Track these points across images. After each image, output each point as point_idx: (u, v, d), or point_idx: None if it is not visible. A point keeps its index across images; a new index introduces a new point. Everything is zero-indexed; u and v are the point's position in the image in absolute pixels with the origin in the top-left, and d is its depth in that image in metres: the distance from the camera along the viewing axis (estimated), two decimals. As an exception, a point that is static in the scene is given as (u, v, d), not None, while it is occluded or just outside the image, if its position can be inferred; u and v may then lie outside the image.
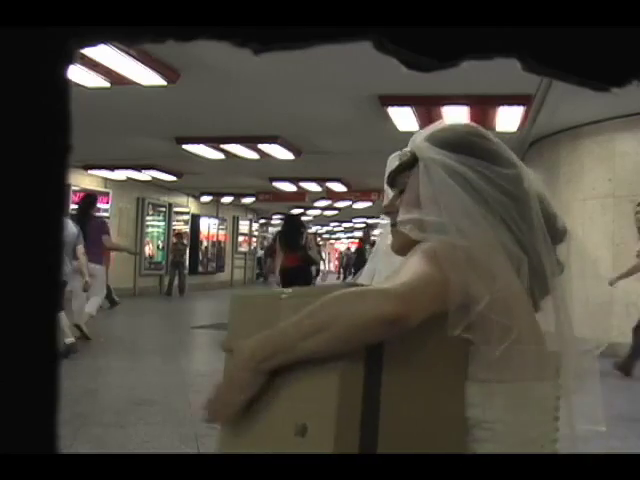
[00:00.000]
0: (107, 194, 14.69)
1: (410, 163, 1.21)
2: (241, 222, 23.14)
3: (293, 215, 7.60)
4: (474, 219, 1.09)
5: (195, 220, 19.38)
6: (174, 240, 17.41)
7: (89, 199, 8.20)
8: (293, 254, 7.01)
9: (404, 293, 0.95)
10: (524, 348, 1.03)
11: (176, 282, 16.67)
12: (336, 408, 0.96)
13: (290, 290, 1.12)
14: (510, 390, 1.03)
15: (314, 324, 0.96)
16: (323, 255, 13.21)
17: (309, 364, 1.00)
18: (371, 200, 16.54)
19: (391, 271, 1.10)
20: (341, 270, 28.48)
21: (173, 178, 14.23)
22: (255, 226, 25.55)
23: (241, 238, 23.41)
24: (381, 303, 0.94)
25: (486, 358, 1.00)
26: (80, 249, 5.74)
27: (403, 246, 1.16)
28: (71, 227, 6.14)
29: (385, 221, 1.32)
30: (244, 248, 23.71)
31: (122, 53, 5.43)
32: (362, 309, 0.94)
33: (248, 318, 1.16)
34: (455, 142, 1.17)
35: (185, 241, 17.68)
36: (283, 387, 1.04)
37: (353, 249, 22.17)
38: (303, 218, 12.92)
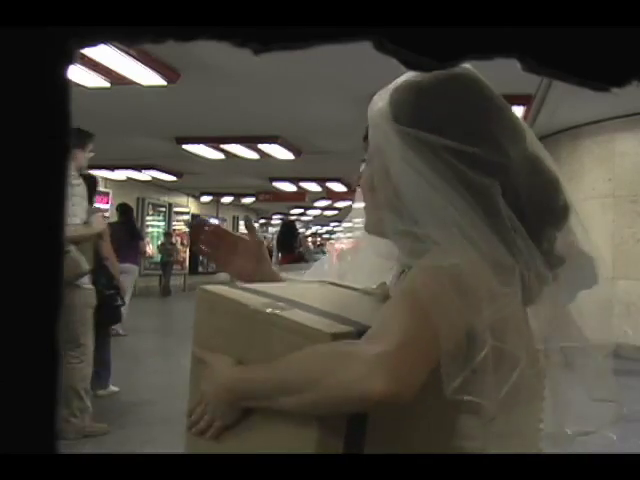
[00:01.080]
0: (107, 194, 14.69)
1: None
2: (241, 222, 23.11)
3: (289, 221, 8.42)
4: (448, 227, 0.89)
5: (195, 220, 19.39)
6: (162, 240, 17.38)
7: (123, 208, 9.27)
8: (289, 254, 7.49)
9: (396, 362, 0.80)
10: (523, 372, 0.90)
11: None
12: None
13: (270, 306, 0.98)
14: (505, 418, 0.93)
15: (293, 382, 0.87)
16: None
17: (283, 414, 0.91)
18: (371, 200, 16.48)
19: (370, 314, 0.93)
20: None
21: (173, 178, 14.23)
22: (255, 226, 25.50)
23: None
24: (369, 376, 0.79)
25: (488, 388, 0.87)
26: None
27: (378, 229, 1.00)
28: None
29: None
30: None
31: (122, 53, 5.43)
32: (347, 379, 0.81)
33: (219, 324, 1.07)
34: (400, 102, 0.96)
35: (173, 240, 17.63)
36: (256, 428, 0.97)
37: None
38: (303, 218, 12.94)
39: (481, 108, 0.96)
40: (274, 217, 26.66)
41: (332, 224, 30.14)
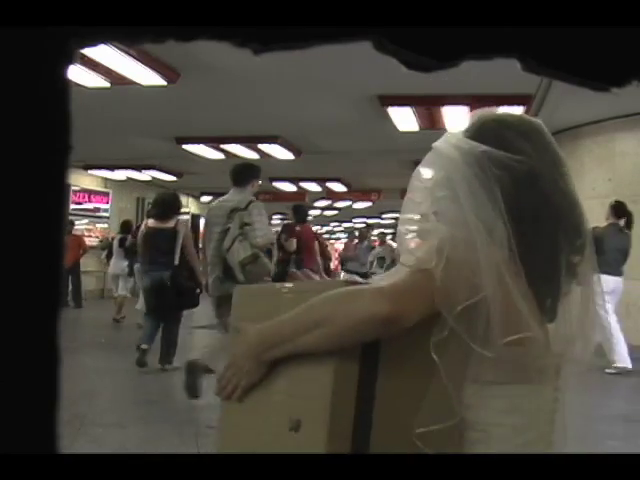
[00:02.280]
0: (107, 194, 14.69)
1: None
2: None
3: (288, 224, 8.72)
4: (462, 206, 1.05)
5: (195, 220, 19.40)
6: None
7: None
8: (286, 254, 7.90)
9: (397, 293, 0.97)
10: (524, 350, 1.00)
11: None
12: (329, 406, 0.97)
13: (290, 285, 1.16)
14: (507, 392, 1.02)
15: (310, 321, 1.00)
16: (330, 254, 13.68)
17: (305, 359, 1.02)
18: (371, 200, 16.53)
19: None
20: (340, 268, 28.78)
21: (173, 178, 14.24)
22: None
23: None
24: (374, 303, 0.95)
25: (484, 359, 0.98)
26: None
27: None
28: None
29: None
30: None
31: (122, 53, 5.43)
32: (355, 308, 0.97)
33: (251, 307, 1.20)
34: (473, 131, 1.13)
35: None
36: (280, 379, 1.07)
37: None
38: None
39: (546, 151, 1.13)
40: (274, 217, 26.67)
41: (332, 224, 30.15)
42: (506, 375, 1.01)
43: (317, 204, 19.17)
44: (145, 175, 13.97)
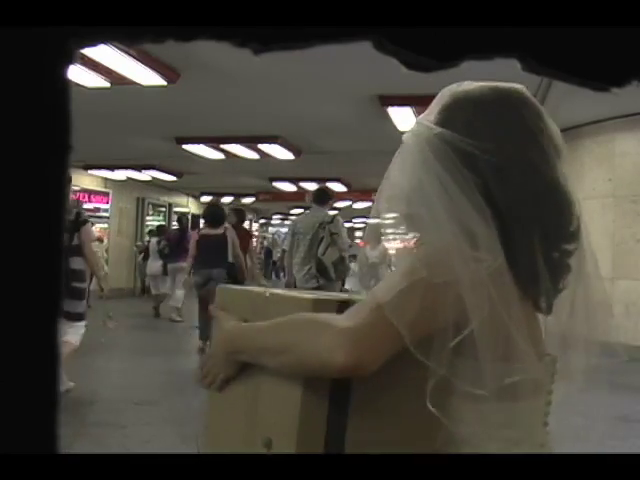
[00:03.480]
0: (107, 194, 14.69)
1: None
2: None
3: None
4: (438, 212, 0.94)
5: (195, 220, 19.38)
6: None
7: (178, 217, 11.16)
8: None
9: (360, 338, 0.87)
10: (521, 368, 0.92)
11: None
12: (297, 424, 0.94)
13: (273, 291, 1.15)
14: (501, 408, 0.95)
15: (274, 344, 0.97)
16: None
17: (277, 376, 1.00)
18: (371, 200, 16.50)
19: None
20: None
21: (173, 178, 14.23)
22: (255, 226, 25.56)
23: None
24: (331, 349, 0.87)
25: (479, 375, 0.90)
26: None
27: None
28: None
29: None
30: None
31: (122, 53, 5.43)
32: (315, 348, 0.89)
33: (232, 302, 1.21)
34: (442, 111, 1.02)
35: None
36: (259, 389, 1.06)
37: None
38: None
39: (526, 135, 1.00)
40: (274, 217, 26.66)
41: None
42: (501, 392, 0.92)
43: (317, 204, 19.14)
44: (145, 175, 13.96)
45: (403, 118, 7.71)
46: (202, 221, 8.70)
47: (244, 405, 1.09)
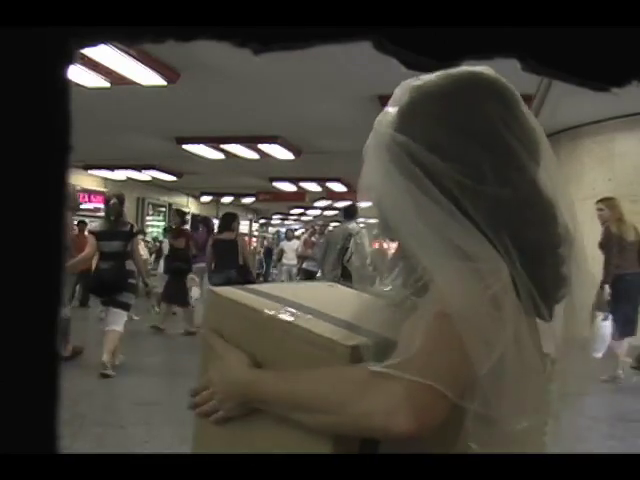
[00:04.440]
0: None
1: None
2: (241, 222, 23.13)
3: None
4: (434, 252, 0.85)
5: (195, 220, 19.37)
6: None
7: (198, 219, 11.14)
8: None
9: (420, 406, 0.80)
10: (526, 385, 0.88)
11: None
12: None
13: (283, 312, 0.97)
14: (511, 424, 0.89)
15: (314, 403, 0.87)
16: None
17: (298, 428, 0.90)
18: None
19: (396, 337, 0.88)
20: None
21: (173, 178, 14.24)
22: (255, 226, 25.57)
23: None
24: (393, 412, 0.79)
25: (485, 393, 0.84)
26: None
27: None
28: None
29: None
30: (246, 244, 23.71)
31: (122, 53, 5.43)
32: (371, 410, 0.81)
33: (226, 318, 1.05)
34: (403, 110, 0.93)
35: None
36: (270, 430, 0.95)
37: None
38: (303, 218, 13.16)
39: (492, 138, 0.89)
40: (274, 217, 26.66)
41: (332, 224, 30.13)
42: (508, 408, 0.87)
43: (317, 204, 19.17)
44: (145, 175, 13.97)
45: (403, 118, 7.71)
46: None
47: (241, 448, 0.98)
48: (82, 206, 13.79)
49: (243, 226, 24.00)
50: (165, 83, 6.43)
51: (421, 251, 0.87)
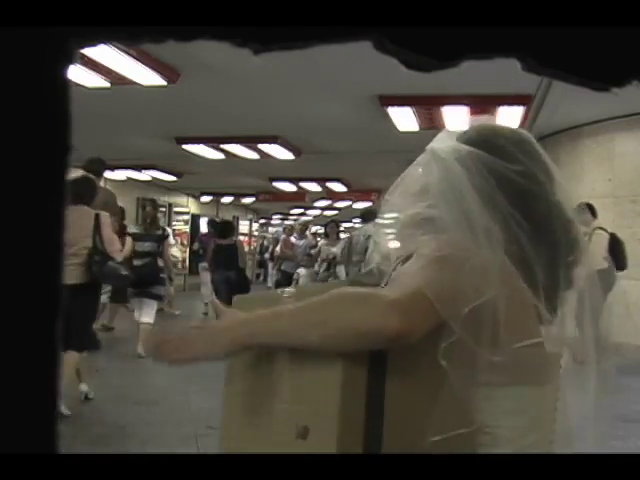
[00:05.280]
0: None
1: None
2: (241, 222, 23.14)
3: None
4: (469, 213, 1.05)
5: (195, 220, 19.38)
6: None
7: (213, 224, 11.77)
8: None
9: (409, 307, 0.91)
10: (531, 352, 1.01)
11: None
12: (338, 410, 0.93)
13: (292, 289, 1.12)
14: (509, 394, 1.01)
15: (310, 320, 0.95)
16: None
17: (308, 364, 0.99)
18: (371, 200, 16.52)
19: (393, 271, 1.08)
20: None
21: (173, 178, 14.23)
22: (255, 226, 25.57)
23: (241, 238, 23.44)
24: (383, 315, 0.90)
25: (486, 361, 0.97)
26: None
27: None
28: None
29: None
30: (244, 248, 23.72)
31: (122, 53, 5.43)
32: (363, 318, 0.91)
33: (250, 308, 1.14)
34: (466, 138, 1.14)
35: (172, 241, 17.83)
36: (282, 388, 1.03)
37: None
38: (303, 218, 13.25)
39: (538, 162, 1.14)
40: (274, 217, 26.66)
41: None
42: (509, 377, 1.00)
43: (317, 204, 19.16)
44: (145, 175, 13.96)
45: (403, 118, 7.71)
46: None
47: (268, 414, 1.05)
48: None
49: (243, 226, 24.12)
50: (165, 83, 6.42)
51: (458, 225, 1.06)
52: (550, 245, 1.08)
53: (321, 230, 16.18)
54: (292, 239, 11.92)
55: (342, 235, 12.21)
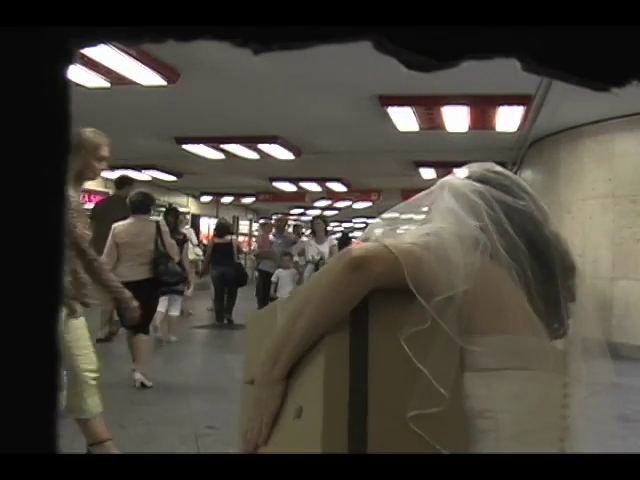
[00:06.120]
0: (107, 194, 14.69)
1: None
2: (241, 222, 23.13)
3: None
4: (465, 225, 1.18)
5: (195, 220, 19.38)
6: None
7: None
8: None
9: (366, 248, 1.07)
10: (522, 338, 1.08)
11: None
12: (323, 385, 1.02)
13: (286, 298, 1.26)
14: (510, 378, 1.06)
15: (296, 306, 1.08)
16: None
17: (307, 354, 1.08)
18: (371, 200, 16.53)
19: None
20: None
21: (173, 178, 14.24)
22: (255, 226, 25.56)
23: (241, 238, 23.43)
24: (342, 259, 1.06)
25: (485, 347, 1.06)
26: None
27: None
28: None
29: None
30: (244, 248, 23.72)
31: (122, 53, 5.43)
32: (328, 275, 1.07)
33: (258, 331, 1.26)
34: (475, 176, 1.29)
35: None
36: (290, 386, 1.12)
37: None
38: (303, 218, 13.16)
39: (534, 199, 1.29)
40: (274, 217, 26.65)
41: (332, 224, 30.14)
42: (506, 361, 1.07)
43: (317, 204, 19.16)
44: (145, 175, 13.96)
45: (403, 118, 7.71)
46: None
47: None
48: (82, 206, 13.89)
49: (243, 226, 24.09)
50: (165, 83, 6.43)
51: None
52: (549, 270, 1.19)
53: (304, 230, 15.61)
54: (270, 237, 11.44)
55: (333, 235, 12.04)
